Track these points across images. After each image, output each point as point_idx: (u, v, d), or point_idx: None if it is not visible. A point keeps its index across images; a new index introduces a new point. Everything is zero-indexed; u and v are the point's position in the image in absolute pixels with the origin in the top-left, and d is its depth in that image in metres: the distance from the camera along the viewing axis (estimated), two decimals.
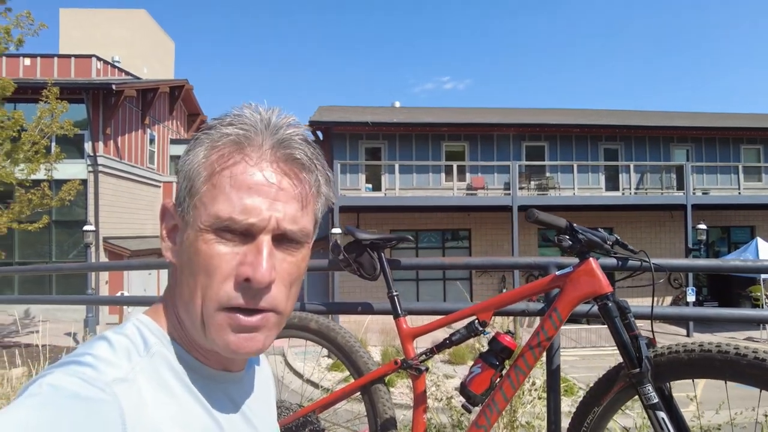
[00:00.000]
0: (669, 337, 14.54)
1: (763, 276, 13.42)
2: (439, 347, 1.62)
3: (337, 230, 13.96)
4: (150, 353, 0.55)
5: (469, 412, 1.55)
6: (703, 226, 15.29)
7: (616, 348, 1.37)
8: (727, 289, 16.95)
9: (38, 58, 17.30)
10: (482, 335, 1.58)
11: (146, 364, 0.54)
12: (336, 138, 16.80)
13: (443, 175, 17.21)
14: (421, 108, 22.98)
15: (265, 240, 0.55)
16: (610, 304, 1.41)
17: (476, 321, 1.57)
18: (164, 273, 19.33)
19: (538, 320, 1.61)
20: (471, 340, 1.73)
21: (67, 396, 0.46)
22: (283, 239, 0.56)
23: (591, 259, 1.46)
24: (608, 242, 1.52)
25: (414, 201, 15.12)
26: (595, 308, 1.65)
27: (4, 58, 13.41)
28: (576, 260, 1.51)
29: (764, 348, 1.35)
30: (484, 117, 18.69)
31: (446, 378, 3.20)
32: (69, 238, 16.38)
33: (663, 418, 1.30)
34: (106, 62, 18.75)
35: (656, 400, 1.32)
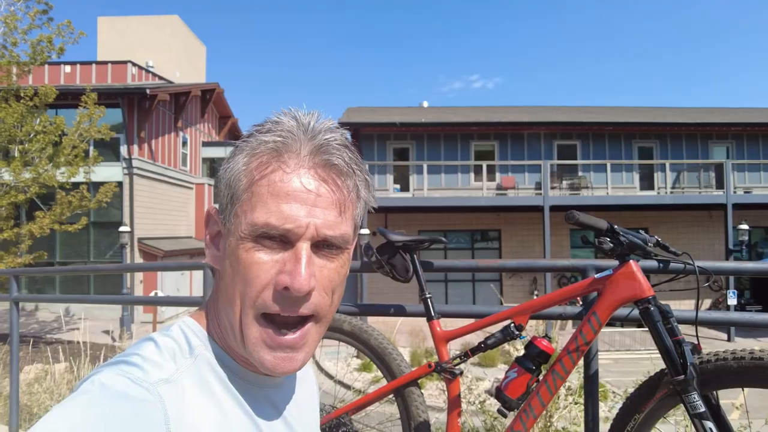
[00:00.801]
0: (707, 341, 14.04)
1: None
2: (473, 351, 1.59)
3: (365, 231, 14.00)
4: (194, 355, 0.57)
5: (505, 416, 1.53)
6: (745, 227, 14.71)
7: (651, 351, 1.33)
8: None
9: (78, 65, 17.94)
10: (518, 339, 1.55)
11: (190, 366, 0.55)
12: (364, 139, 16.89)
13: (472, 175, 17.07)
14: (450, 107, 22.84)
15: (304, 247, 0.54)
16: (652, 308, 1.36)
17: (512, 325, 1.54)
18: (197, 274, 19.77)
19: (568, 324, 1.57)
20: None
21: (114, 395, 0.48)
22: (322, 245, 0.56)
23: (631, 261, 1.41)
24: (649, 244, 1.47)
25: (442, 201, 15.05)
26: (635, 312, 1.61)
27: (46, 65, 13.92)
28: (615, 263, 1.46)
29: None
30: (515, 116, 18.44)
31: (477, 381, 3.16)
32: (106, 239, 16.92)
33: (710, 429, 1.25)
34: (140, 67, 19.30)
35: (703, 409, 1.26)
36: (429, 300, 1.69)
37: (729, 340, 13.80)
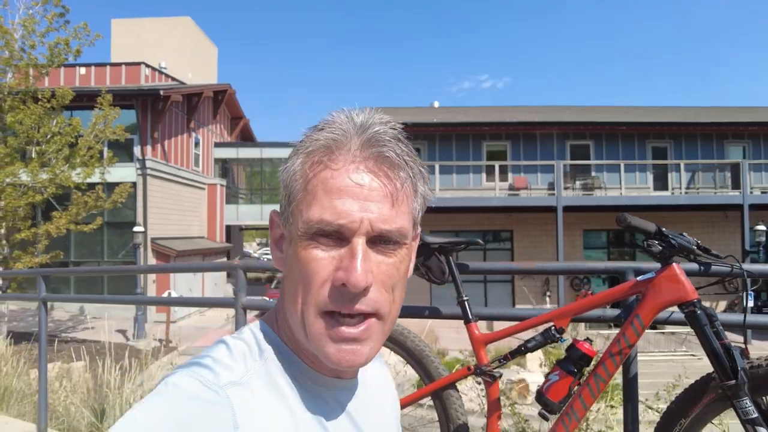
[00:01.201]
0: None
1: None
2: (513, 354, 1.58)
3: None
4: (263, 358, 0.57)
5: (547, 420, 1.51)
6: (762, 227, 14.53)
7: (665, 353, 1.31)
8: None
9: (92, 67, 18.15)
10: (559, 342, 1.53)
11: (260, 369, 0.56)
12: None
13: (484, 175, 17.01)
14: (461, 107, 22.79)
15: (359, 243, 0.54)
16: (698, 312, 1.34)
17: (553, 327, 1.53)
18: (209, 275, 19.89)
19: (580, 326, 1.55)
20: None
21: (185, 397, 0.50)
22: (378, 241, 0.55)
23: (674, 264, 1.40)
24: (693, 247, 1.45)
25: (454, 202, 15.01)
26: (674, 315, 1.59)
27: (62, 68, 14.09)
28: (656, 266, 1.45)
29: None
30: (526, 116, 18.36)
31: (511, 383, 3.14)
32: (119, 239, 17.08)
33: None
34: (153, 69, 19.48)
35: (755, 414, 1.25)
36: (466, 303, 1.68)
37: (745, 343, 13.60)
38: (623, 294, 1.49)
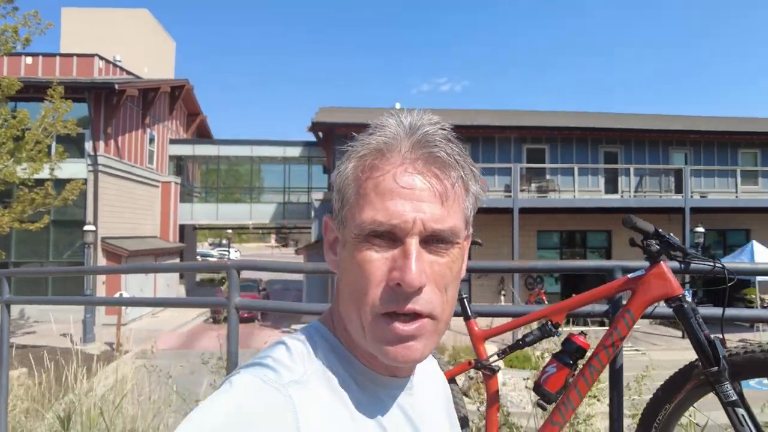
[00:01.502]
0: (664, 339, 14.70)
1: (759, 279, 13.59)
2: (512, 348, 1.67)
3: None
4: (321, 358, 0.59)
5: (544, 410, 1.61)
6: (700, 229, 15.47)
7: (631, 348, 1.43)
8: (722, 291, 17.13)
9: (40, 57, 17.23)
10: (555, 336, 1.63)
11: (318, 368, 0.57)
12: (338, 139, 16.83)
13: None
14: (423, 110, 23.02)
15: (413, 243, 0.54)
16: (685, 306, 1.47)
17: (549, 322, 1.62)
18: (160, 276, 19.26)
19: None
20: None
21: (250, 393, 0.52)
22: (431, 240, 0.56)
23: (662, 262, 1.52)
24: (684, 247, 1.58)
25: None
26: (660, 310, 1.72)
27: (5, 57, 13.34)
28: (643, 264, 1.57)
29: None
30: (486, 119, 18.79)
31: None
32: (66, 238, 16.30)
33: (743, 415, 1.37)
34: (108, 61, 18.71)
35: (735, 397, 1.38)
36: (465, 300, 1.76)
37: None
38: (616, 290, 1.60)
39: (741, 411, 1.37)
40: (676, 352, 11.53)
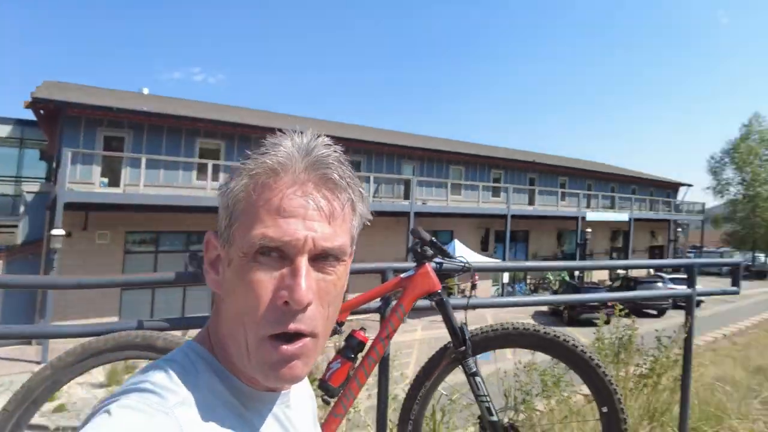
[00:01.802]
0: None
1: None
2: None
3: (58, 231, 11.74)
4: (201, 378, 0.58)
5: (328, 404, 1.72)
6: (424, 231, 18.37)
7: None
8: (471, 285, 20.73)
9: None
10: (339, 333, 1.77)
11: (201, 388, 0.57)
12: (68, 121, 14.03)
13: (195, 173, 16.25)
14: (175, 99, 21.22)
15: (303, 260, 0.56)
16: (444, 299, 1.78)
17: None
18: None
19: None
20: None
21: (140, 422, 0.49)
22: (319, 258, 0.58)
23: (427, 264, 1.81)
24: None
25: (161, 200, 13.77)
26: (422, 302, 2.03)
27: None
28: (412, 265, 1.84)
29: (531, 324, 1.91)
30: (243, 117, 18.45)
31: None
32: None
33: (480, 382, 1.73)
34: None
35: (475, 369, 1.74)
36: None
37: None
38: (391, 288, 1.83)
39: (479, 379, 1.74)
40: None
